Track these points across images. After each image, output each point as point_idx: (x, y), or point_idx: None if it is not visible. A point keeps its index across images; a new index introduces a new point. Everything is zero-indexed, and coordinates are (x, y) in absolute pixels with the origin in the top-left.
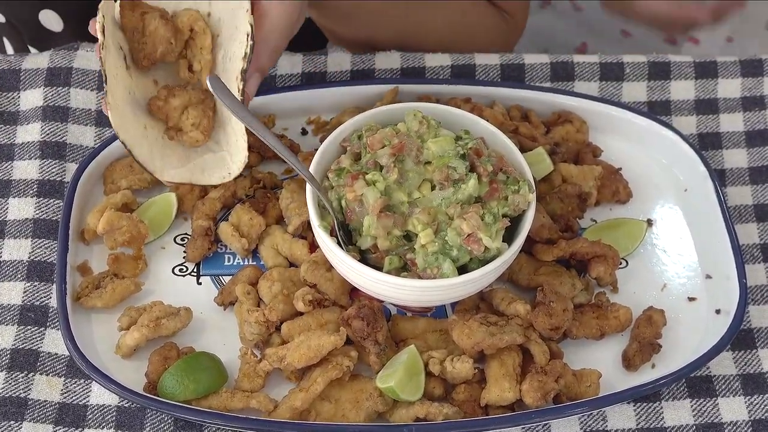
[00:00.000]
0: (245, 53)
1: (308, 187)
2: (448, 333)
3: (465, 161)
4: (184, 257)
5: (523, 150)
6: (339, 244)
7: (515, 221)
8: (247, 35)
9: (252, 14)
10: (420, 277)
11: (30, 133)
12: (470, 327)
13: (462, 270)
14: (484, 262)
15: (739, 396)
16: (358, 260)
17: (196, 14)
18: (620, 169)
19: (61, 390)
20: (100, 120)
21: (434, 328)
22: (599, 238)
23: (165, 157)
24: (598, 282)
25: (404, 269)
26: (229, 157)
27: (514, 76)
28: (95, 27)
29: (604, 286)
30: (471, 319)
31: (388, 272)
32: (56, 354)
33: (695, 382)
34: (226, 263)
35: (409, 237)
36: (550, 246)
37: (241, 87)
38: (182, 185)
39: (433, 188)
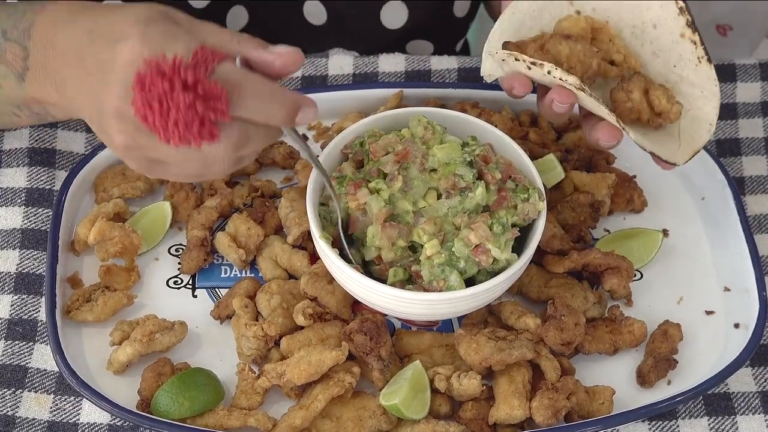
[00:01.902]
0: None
1: (308, 195)
2: (454, 348)
3: (472, 168)
4: (178, 269)
5: (533, 157)
6: (341, 255)
7: (525, 231)
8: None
9: None
10: (426, 290)
11: (18, 138)
12: (478, 342)
13: (469, 282)
14: (493, 274)
15: (759, 414)
16: (361, 272)
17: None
18: (635, 176)
19: (51, 407)
20: None
21: (440, 342)
22: (613, 249)
23: (656, 144)
24: (612, 295)
25: (409, 281)
26: (698, 112)
27: None
28: None
29: (618, 299)
30: (479, 334)
31: (393, 285)
32: (45, 370)
33: (713, 399)
34: (223, 275)
35: (414, 248)
36: (561, 257)
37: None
38: (177, 194)
39: (439, 197)
